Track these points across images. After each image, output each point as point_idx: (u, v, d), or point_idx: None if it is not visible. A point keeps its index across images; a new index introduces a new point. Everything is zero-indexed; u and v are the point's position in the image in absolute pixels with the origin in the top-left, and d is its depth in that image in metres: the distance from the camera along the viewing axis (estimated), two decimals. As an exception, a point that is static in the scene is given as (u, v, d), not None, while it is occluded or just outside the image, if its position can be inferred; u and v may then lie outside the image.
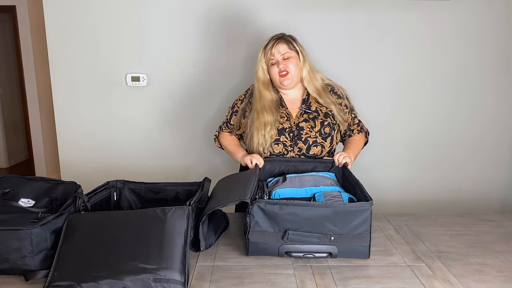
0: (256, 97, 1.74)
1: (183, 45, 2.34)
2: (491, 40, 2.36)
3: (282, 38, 1.71)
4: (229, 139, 1.87)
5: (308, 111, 1.73)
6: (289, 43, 1.71)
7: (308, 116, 1.73)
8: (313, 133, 1.69)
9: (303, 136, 1.69)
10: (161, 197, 1.53)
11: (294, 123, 1.71)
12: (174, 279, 1.09)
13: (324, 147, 1.70)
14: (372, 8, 2.29)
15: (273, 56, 1.69)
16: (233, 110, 1.86)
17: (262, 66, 1.72)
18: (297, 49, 1.72)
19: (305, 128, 1.70)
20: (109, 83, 2.37)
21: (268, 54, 1.70)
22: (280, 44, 1.69)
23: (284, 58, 1.69)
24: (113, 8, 2.29)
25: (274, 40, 1.70)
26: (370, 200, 1.26)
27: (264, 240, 1.27)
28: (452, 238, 1.47)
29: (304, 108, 1.74)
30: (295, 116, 1.73)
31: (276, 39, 1.71)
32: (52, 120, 2.49)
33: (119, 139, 2.44)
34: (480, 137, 2.49)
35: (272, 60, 1.70)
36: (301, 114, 1.73)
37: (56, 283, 1.09)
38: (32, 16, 4.15)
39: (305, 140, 1.69)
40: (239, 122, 1.83)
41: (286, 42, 1.70)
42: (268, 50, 1.69)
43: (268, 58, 1.70)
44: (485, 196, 2.55)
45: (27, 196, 1.36)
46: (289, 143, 1.69)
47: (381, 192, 2.43)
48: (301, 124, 1.71)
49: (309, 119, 1.72)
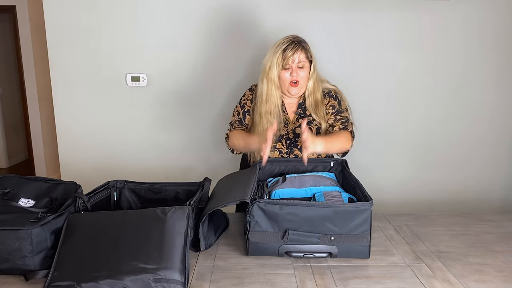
0: (263, 98, 1.66)
1: (183, 45, 2.34)
2: (491, 40, 2.36)
3: (300, 45, 1.63)
4: (240, 132, 1.74)
5: (303, 115, 1.72)
6: (307, 51, 1.65)
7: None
8: None
9: (299, 144, 1.68)
10: (161, 197, 1.53)
11: (291, 129, 1.70)
12: (174, 279, 1.09)
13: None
14: (372, 8, 2.29)
15: (290, 62, 1.62)
16: (244, 109, 1.77)
17: (278, 68, 1.63)
18: (312, 59, 1.67)
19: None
20: (109, 83, 2.37)
21: (286, 59, 1.61)
22: (300, 52, 1.62)
23: (299, 66, 1.63)
24: (113, 8, 2.29)
25: (295, 45, 1.62)
26: (370, 200, 1.26)
27: (264, 240, 1.27)
28: (452, 238, 1.47)
29: (300, 113, 1.72)
30: (291, 121, 1.72)
31: (297, 44, 1.62)
32: (52, 120, 2.50)
33: (119, 139, 2.44)
34: (480, 137, 2.49)
35: (287, 65, 1.63)
36: (296, 119, 1.72)
37: (56, 283, 1.09)
38: (32, 16, 4.15)
39: (301, 148, 1.67)
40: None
41: (304, 51, 1.64)
42: (289, 54, 1.61)
43: (286, 63, 1.62)
44: (485, 196, 2.55)
45: (27, 196, 1.36)
46: (285, 150, 1.68)
47: (381, 192, 2.43)
48: (297, 130, 1.69)
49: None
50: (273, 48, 1.66)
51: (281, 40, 1.65)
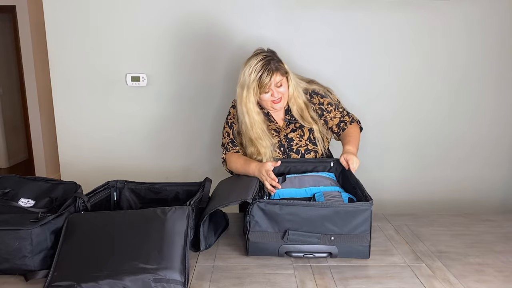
0: (248, 125, 1.61)
1: (183, 45, 2.34)
2: (492, 40, 2.36)
3: (274, 65, 1.56)
4: (237, 158, 1.70)
5: (292, 121, 1.70)
6: (281, 69, 1.58)
7: (294, 125, 1.69)
8: (303, 141, 1.68)
9: (294, 147, 1.67)
10: (161, 197, 1.53)
11: (283, 135, 1.68)
12: (174, 279, 1.09)
13: (317, 152, 1.69)
14: (372, 8, 2.29)
15: (267, 87, 1.57)
16: (233, 129, 1.73)
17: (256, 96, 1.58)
18: (287, 72, 1.62)
19: (294, 139, 1.67)
20: (109, 83, 2.37)
21: (263, 86, 1.56)
22: (275, 74, 1.56)
23: (277, 86, 1.59)
24: (113, 8, 2.29)
25: (269, 70, 1.54)
26: (370, 200, 1.26)
27: (264, 240, 1.28)
28: (452, 238, 1.47)
29: (288, 119, 1.70)
30: (282, 128, 1.70)
31: (270, 66, 1.55)
32: (52, 120, 2.49)
33: (119, 139, 2.44)
34: (480, 137, 2.48)
35: (266, 90, 1.58)
36: (286, 125, 1.71)
37: (56, 283, 1.09)
38: (32, 16, 4.14)
39: (297, 151, 1.67)
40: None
41: (278, 71, 1.57)
42: (265, 81, 1.54)
43: (263, 89, 1.57)
44: (485, 196, 2.55)
45: (27, 196, 1.36)
46: (282, 156, 1.67)
47: (381, 192, 2.42)
48: (290, 135, 1.68)
49: (297, 128, 1.69)
50: (245, 74, 1.57)
51: (253, 66, 1.56)
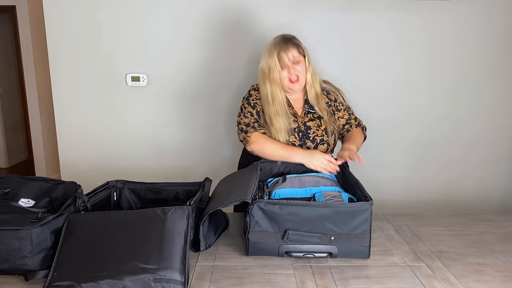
0: (269, 100, 1.69)
1: (183, 45, 2.34)
2: (489, 39, 2.37)
3: (291, 41, 1.67)
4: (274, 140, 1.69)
5: (311, 111, 1.75)
6: (299, 47, 1.68)
7: (312, 115, 1.75)
8: (319, 131, 1.72)
9: (310, 135, 1.72)
10: (161, 197, 1.53)
11: (301, 122, 1.73)
12: (174, 279, 1.09)
13: (329, 145, 1.74)
14: (372, 8, 2.29)
15: (286, 60, 1.65)
16: (256, 109, 1.74)
17: (278, 68, 1.66)
18: (304, 53, 1.70)
19: (312, 127, 1.72)
20: (109, 83, 2.37)
21: (282, 59, 1.65)
22: (292, 48, 1.66)
23: (294, 63, 1.66)
24: (113, 8, 2.29)
25: (286, 44, 1.66)
26: (370, 200, 1.26)
27: (264, 240, 1.27)
28: (452, 238, 1.47)
29: (307, 108, 1.75)
30: (300, 116, 1.75)
31: (288, 41, 1.67)
32: (52, 120, 2.50)
33: (119, 139, 2.44)
34: (479, 137, 2.49)
35: (283, 65, 1.66)
36: (305, 114, 1.75)
37: (56, 283, 1.09)
38: (32, 16, 4.15)
39: (313, 139, 1.71)
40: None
41: (296, 46, 1.67)
42: (283, 54, 1.65)
43: (283, 63, 1.65)
44: (485, 196, 2.55)
45: (27, 196, 1.36)
46: (298, 142, 1.71)
47: (381, 192, 2.43)
48: (308, 123, 1.73)
49: (315, 118, 1.74)
50: (266, 51, 1.69)
51: (272, 42, 1.69)
